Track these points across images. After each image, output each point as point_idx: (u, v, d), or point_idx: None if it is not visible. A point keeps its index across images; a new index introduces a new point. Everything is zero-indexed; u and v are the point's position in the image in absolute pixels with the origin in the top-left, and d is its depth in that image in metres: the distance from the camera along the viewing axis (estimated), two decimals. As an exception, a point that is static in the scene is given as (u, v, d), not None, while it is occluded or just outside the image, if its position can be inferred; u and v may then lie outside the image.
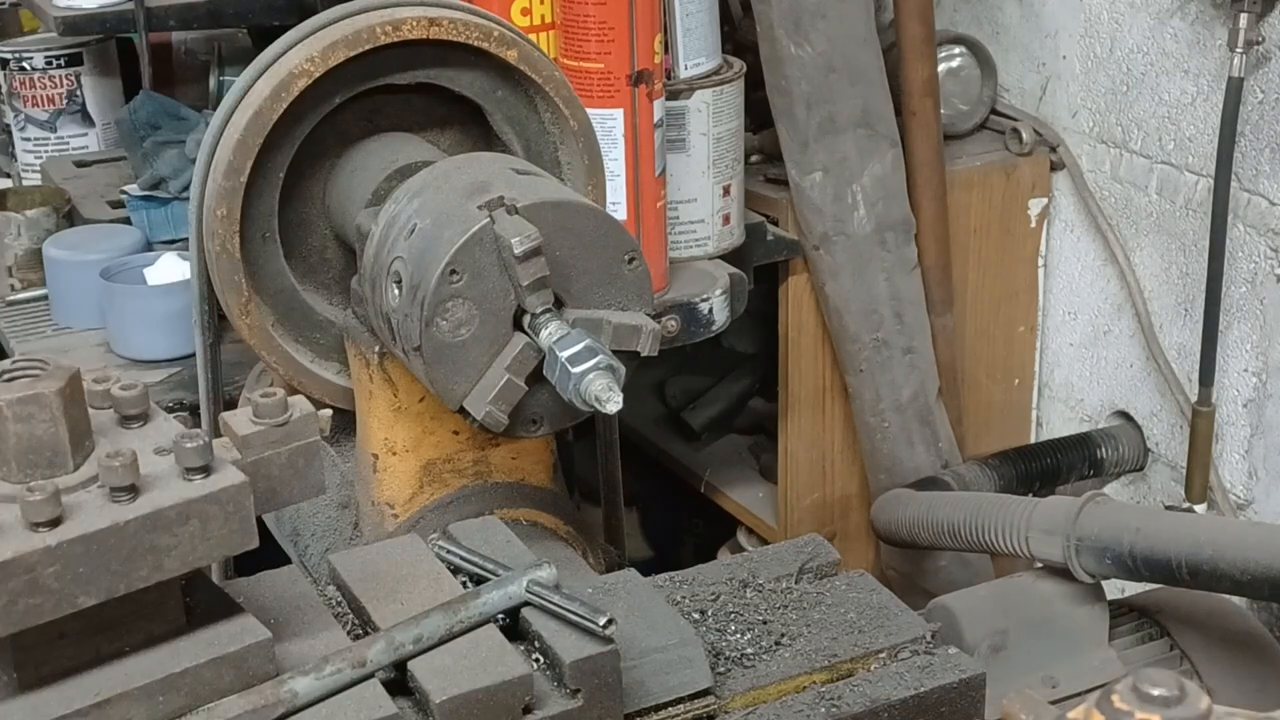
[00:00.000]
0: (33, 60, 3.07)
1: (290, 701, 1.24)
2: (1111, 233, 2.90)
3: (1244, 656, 2.10)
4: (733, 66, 2.50)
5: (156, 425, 1.26)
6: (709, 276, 2.45)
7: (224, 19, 3.15)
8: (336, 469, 1.94)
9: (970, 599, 2.08)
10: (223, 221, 1.74)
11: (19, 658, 1.19)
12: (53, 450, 1.18)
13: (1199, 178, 2.70)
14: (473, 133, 1.92)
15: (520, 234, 1.48)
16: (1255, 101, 2.55)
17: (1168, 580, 2.01)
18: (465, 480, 1.79)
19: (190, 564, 1.19)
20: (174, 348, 2.30)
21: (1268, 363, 2.64)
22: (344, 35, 1.71)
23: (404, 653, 1.29)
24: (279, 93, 1.70)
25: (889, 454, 2.82)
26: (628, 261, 1.58)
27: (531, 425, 1.60)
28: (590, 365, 1.46)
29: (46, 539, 1.12)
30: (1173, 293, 2.82)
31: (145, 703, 1.20)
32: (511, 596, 1.35)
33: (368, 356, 1.76)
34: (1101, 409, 3.04)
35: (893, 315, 2.75)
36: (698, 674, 1.41)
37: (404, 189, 1.67)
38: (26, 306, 2.53)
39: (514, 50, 1.78)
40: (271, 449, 1.28)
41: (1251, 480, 2.72)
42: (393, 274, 1.58)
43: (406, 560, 1.46)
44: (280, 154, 1.77)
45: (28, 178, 3.10)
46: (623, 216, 2.20)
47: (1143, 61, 2.77)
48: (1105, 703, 1.00)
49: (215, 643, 1.24)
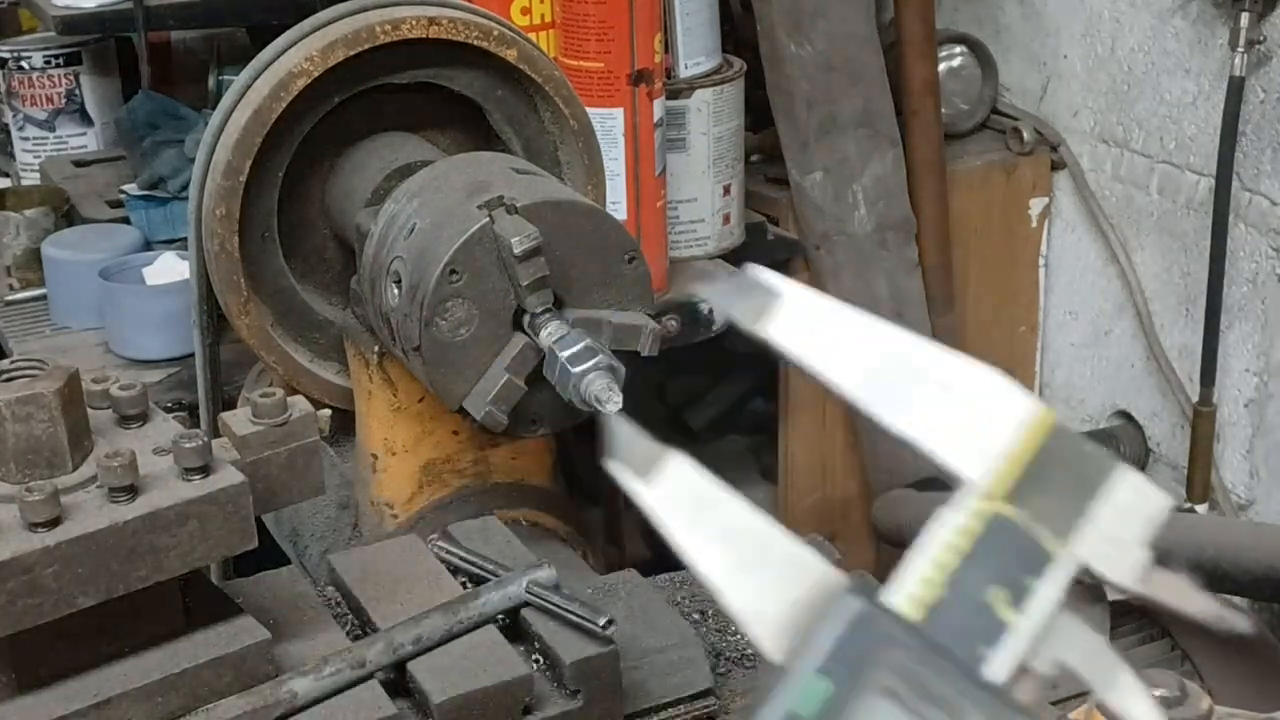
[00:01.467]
0: (31, 59, 3.07)
1: (290, 702, 1.23)
2: (1112, 232, 2.90)
3: (1245, 657, 2.10)
4: (733, 66, 2.50)
5: (155, 425, 1.25)
6: (709, 276, 2.45)
7: (223, 18, 3.15)
8: (336, 469, 1.94)
9: (971, 599, 2.08)
10: (222, 221, 1.74)
11: (18, 658, 1.18)
12: (51, 450, 1.18)
13: (1200, 177, 2.70)
14: (473, 132, 1.91)
15: (520, 234, 1.47)
16: (1256, 101, 2.55)
17: (1169, 580, 2.00)
18: (465, 480, 1.79)
19: (189, 564, 1.19)
20: (173, 347, 2.30)
21: (1269, 363, 2.64)
22: (343, 34, 1.71)
23: (404, 653, 1.29)
24: (278, 92, 1.70)
25: (889, 454, 2.81)
26: (628, 261, 1.57)
27: (531, 425, 1.60)
28: (590, 365, 1.46)
29: (45, 539, 1.12)
30: (1174, 292, 2.81)
31: (144, 703, 1.20)
32: (511, 597, 1.34)
33: (367, 357, 1.76)
34: (1102, 409, 3.04)
35: (893, 315, 2.75)
36: (698, 674, 1.40)
37: (403, 189, 1.66)
38: (25, 306, 2.53)
39: (514, 49, 1.78)
40: (270, 449, 1.27)
41: (1253, 480, 2.72)
42: (392, 274, 1.58)
43: (406, 560, 1.46)
44: (279, 153, 1.76)
45: (26, 177, 3.10)
46: (623, 216, 2.20)
47: (1144, 61, 2.77)
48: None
49: (214, 643, 1.24)
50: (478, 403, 1.54)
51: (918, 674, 0.41)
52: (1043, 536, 0.46)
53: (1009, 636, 0.43)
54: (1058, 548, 0.46)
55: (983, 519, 0.47)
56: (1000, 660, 0.42)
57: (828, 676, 0.41)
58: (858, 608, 0.42)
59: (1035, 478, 0.47)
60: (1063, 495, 0.47)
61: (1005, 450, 0.48)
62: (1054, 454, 0.48)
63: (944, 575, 0.45)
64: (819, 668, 0.41)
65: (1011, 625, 0.45)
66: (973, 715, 0.40)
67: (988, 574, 0.45)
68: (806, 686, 0.41)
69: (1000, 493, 0.47)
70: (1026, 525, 0.47)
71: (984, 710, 0.40)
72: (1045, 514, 0.47)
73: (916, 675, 0.41)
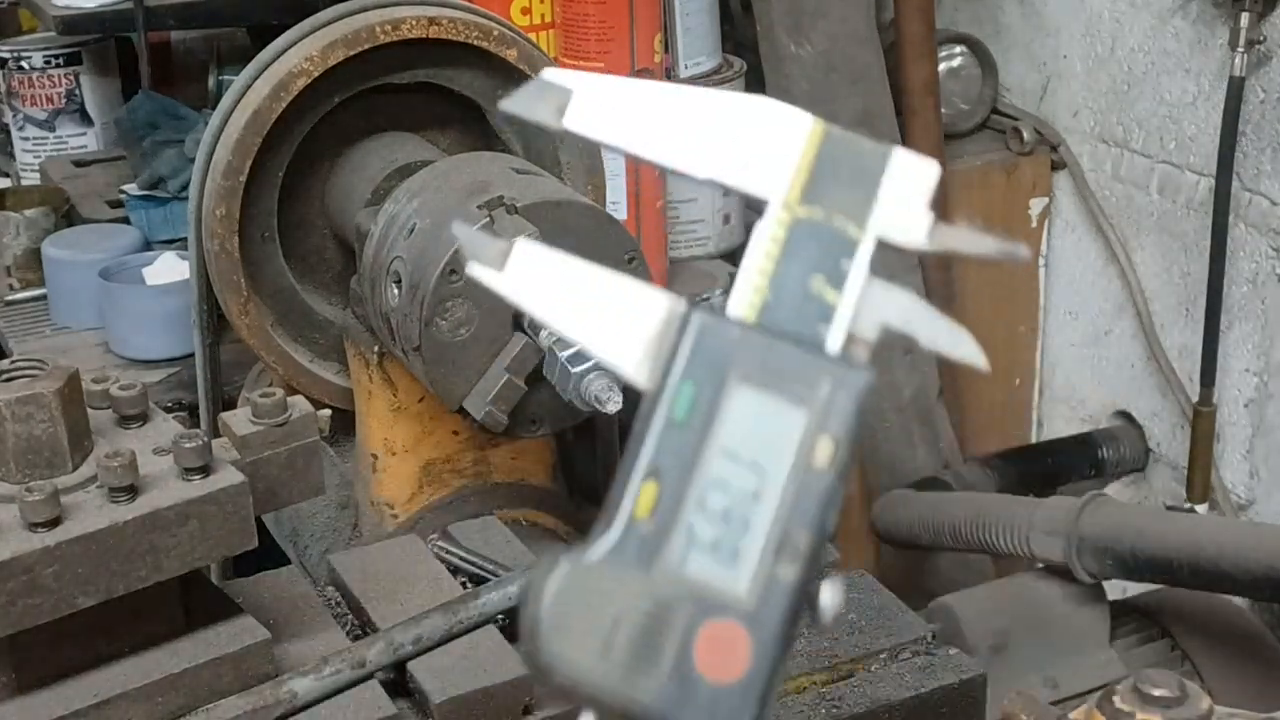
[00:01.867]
0: (31, 59, 3.07)
1: (290, 702, 1.23)
2: (1112, 232, 2.89)
3: (1245, 657, 2.10)
4: (733, 66, 2.50)
5: (155, 425, 1.25)
6: (709, 276, 2.45)
7: (223, 18, 3.15)
8: (336, 469, 1.94)
9: (971, 599, 2.08)
10: (222, 221, 1.73)
11: (18, 658, 1.18)
12: (51, 450, 1.18)
13: (1200, 177, 2.70)
14: (473, 132, 1.91)
15: (520, 234, 1.47)
16: (1256, 101, 2.55)
17: (1169, 581, 2.00)
18: (465, 480, 1.79)
19: (189, 564, 1.19)
20: (173, 348, 2.29)
21: (1269, 363, 2.64)
22: (343, 34, 1.71)
23: (403, 653, 1.29)
24: (278, 92, 1.70)
25: (890, 454, 2.81)
26: (628, 261, 1.57)
27: (531, 425, 1.60)
28: (590, 365, 1.46)
29: (45, 539, 1.12)
30: (1174, 292, 2.81)
31: (144, 703, 1.20)
32: (511, 596, 1.34)
33: (367, 357, 1.76)
34: (1102, 409, 3.03)
35: (893, 315, 2.74)
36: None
37: (403, 189, 1.66)
38: (25, 306, 2.53)
39: (514, 49, 1.78)
40: (270, 449, 1.27)
41: (1253, 480, 2.72)
42: (392, 274, 1.58)
43: (406, 560, 1.46)
44: (279, 154, 1.76)
45: (26, 177, 3.10)
46: (623, 216, 2.20)
47: (1144, 61, 2.77)
48: (1106, 703, 0.99)
49: (214, 643, 1.24)
50: (478, 403, 1.54)
51: (766, 360, 0.47)
52: (842, 226, 0.53)
53: (835, 312, 0.50)
54: (857, 231, 0.52)
55: (786, 225, 0.52)
56: (833, 334, 0.48)
57: (690, 381, 0.46)
58: (701, 321, 0.47)
59: (823, 179, 0.54)
60: (850, 186, 0.53)
61: (792, 163, 0.54)
62: (833, 155, 0.54)
63: (767, 280, 0.50)
64: (680, 376, 0.46)
65: (834, 303, 0.51)
66: (821, 380, 0.46)
67: (804, 268, 0.51)
68: (674, 395, 0.46)
69: (795, 199, 0.53)
70: (825, 220, 0.53)
71: (829, 373, 0.46)
72: (839, 206, 0.53)
73: (766, 361, 0.47)
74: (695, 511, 0.45)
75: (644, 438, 0.46)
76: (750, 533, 0.45)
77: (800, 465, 0.46)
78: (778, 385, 0.47)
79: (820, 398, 0.47)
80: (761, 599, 0.45)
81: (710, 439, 0.46)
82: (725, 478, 0.46)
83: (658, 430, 0.46)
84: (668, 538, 0.45)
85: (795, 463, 0.46)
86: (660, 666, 0.44)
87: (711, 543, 0.45)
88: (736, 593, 0.45)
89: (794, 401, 0.47)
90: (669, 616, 0.44)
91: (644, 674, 0.44)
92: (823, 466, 0.46)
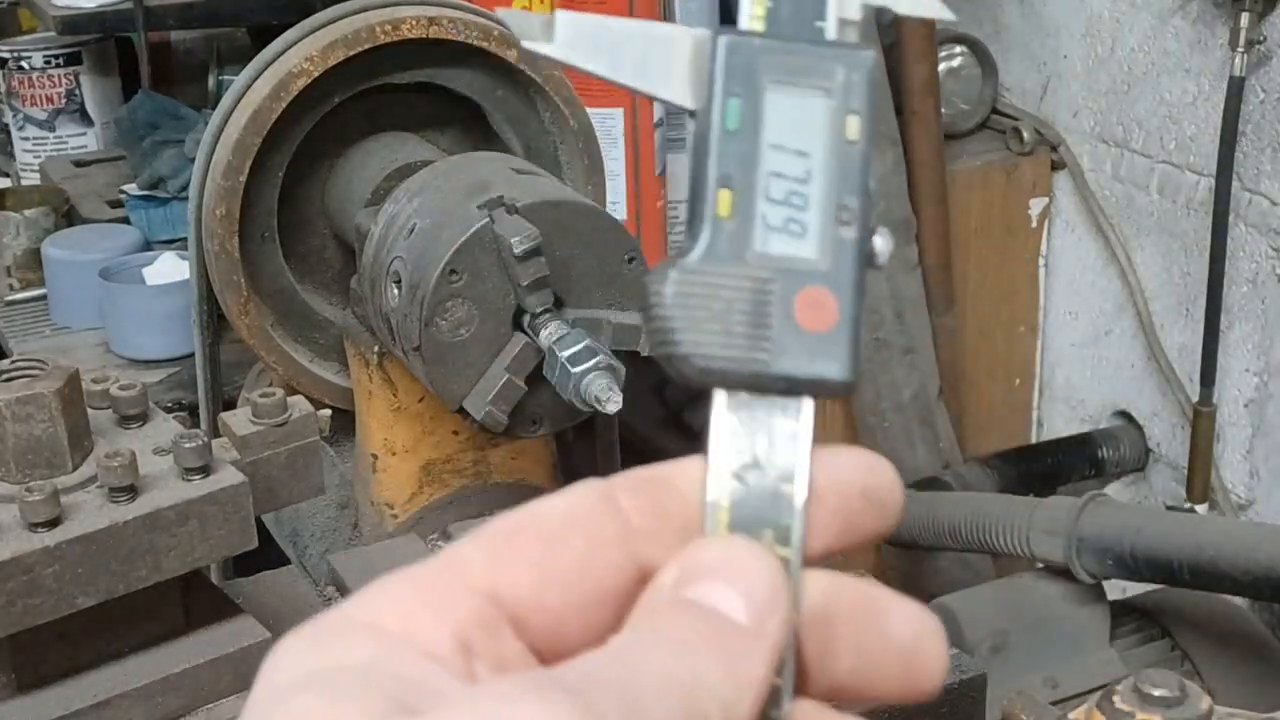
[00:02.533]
0: (31, 59, 3.07)
1: (289, 702, 1.23)
2: (1112, 232, 2.90)
3: (1245, 657, 2.10)
4: (733, 66, 2.50)
5: (155, 425, 1.25)
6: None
7: (223, 18, 3.15)
8: (336, 469, 1.94)
9: (971, 599, 2.08)
10: (222, 221, 1.74)
11: (18, 658, 1.18)
12: (51, 450, 1.18)
13: (1200, 177, 2.70)
14: (473, 132, 1.91)
15: (520, 234, 1.47)
16: (1256, 101, 2.55)
17: (1169, 581, 2.00)
18: (465, 480, 1.79)
19: (189, 564, 1.19)
20: (173, 347, 2.30)
21: (1269, 363, 2.64)
22: (343, 34, 1.71)
23: (403, 653, 1.29)
24: (278, 92, 1.70)
25: (890, 454, 2.80)
26: (628, 261, 1.57)
27: (531, 425, 1.60)
28: (590, 365, 1.46)
29: (45, 539, 1.12)
30: (1174, 292, 2.81)
31: (144, 703, 1.20)
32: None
33: (367, 357, 1.76)
34: (1102, 409, 3.04)
35: (893, 315, 2.75)
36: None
37: (403, 189, 1.66)
38: (25, 306, 2.53)
39: (514, 50, 1.78)
40: (270, 449, 1.28)
41: (1253, 480, 2.72)
42: (392, 274, 1.58)
43: (406, 560, 1.45)
44: (279, 154, 1.76)
45: (26, 177, 3.10)
46: (623, 216, 2.20)
47: (1144, 61, 2.77)
48: (1106, 703, 0.99)
49: (214, 643, 1.24)
50: (478, 403, 1.54)
51: (787, 61, 0.53)
52: None
53: (827, 6, 0.55)
54: None
55: None
56: (830, 23, 0.54)
57: (732, 94, 0.53)
58: (728, 41, 0.53)
59: None
60: None
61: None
62: None
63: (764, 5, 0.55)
64: (723, 92, 0.53)
65: None
66: (835, 68, 0.53)
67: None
68: (722, 108, 0.53)
69: None
70: None
71: (839, 60, 0.53)
72: None
73: (786, 63, 0.53)
74: (764, 202, 0.52)
75: (708, 152, 0.53)
76: (810, 208, 0.53)
77: (837, 142, 0.53)
78: (802, 80, 0.53)
79: (838, 82, 0.53)
80: (834, 259, 0.52)
81: (760, 139, 0.53)
82: (780, 169, 0.53)
83: (716, 142, 0.53)
84: (749, 229, 0.52)
85: (832, 142, 0.53)
86: (773, 332, 0.52)
87: (783, 224, 0.52)
88: (813, 259, 0.52)
89: (818, 91, 0.53)
90: (768, 292, 0.52)
91: (762, 343, 0.52)
92: (855, 138, 0.53)
